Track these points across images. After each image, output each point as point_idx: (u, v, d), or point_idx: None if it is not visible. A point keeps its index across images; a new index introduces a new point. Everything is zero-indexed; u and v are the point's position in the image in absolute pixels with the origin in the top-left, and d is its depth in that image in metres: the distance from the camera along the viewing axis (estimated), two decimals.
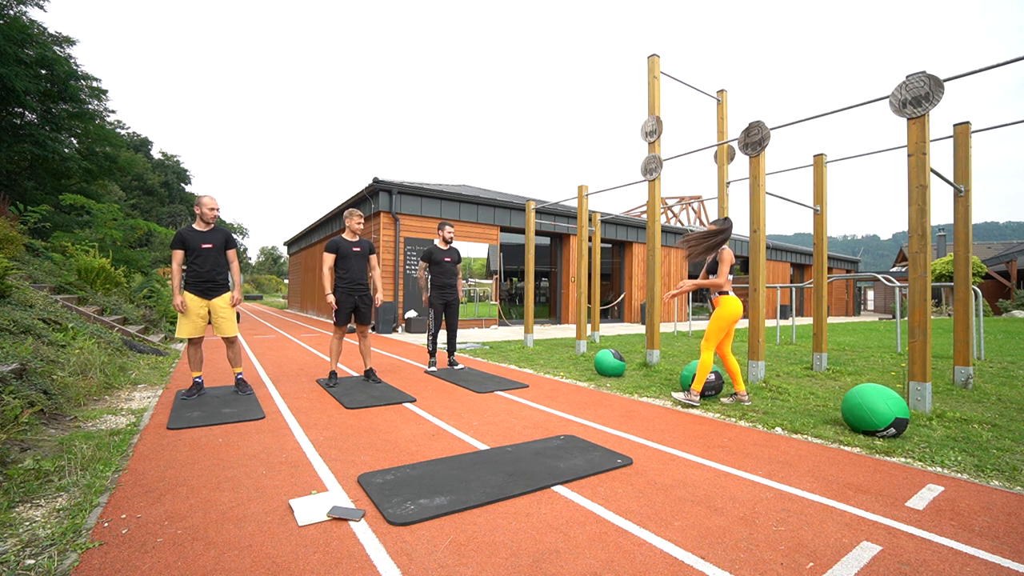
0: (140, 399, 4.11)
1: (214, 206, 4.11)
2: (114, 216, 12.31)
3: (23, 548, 1.74)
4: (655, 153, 6.12)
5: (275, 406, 3.91)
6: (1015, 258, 23.78)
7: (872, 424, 3.13)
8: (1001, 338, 10.07)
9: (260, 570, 1.63)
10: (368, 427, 3.37)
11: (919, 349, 3.74)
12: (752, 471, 2.59)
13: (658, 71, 6.28)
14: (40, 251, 9.42)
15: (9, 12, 15.18)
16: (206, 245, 4.04)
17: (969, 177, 4.96)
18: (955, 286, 5.06)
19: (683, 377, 4.40)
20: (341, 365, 5.97)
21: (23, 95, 14.78)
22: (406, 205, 11.73)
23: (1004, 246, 31.56)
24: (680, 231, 18.20)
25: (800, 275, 24.23)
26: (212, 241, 4.08)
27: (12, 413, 2.71)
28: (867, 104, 4.38)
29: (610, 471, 2.56)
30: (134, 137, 44.80)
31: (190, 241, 4.02)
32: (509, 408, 3.98)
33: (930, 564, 1.71)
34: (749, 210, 5.08)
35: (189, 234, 4.03)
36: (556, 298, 15.35)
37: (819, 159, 6.20)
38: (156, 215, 42.89)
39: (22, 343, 4.01)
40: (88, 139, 18.56)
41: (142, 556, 1.71)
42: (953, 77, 3.79)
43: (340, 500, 2.17)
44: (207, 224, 4.10)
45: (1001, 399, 4.29)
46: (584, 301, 7.70)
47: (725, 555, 1.76)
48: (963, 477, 2.54)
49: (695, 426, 3.48)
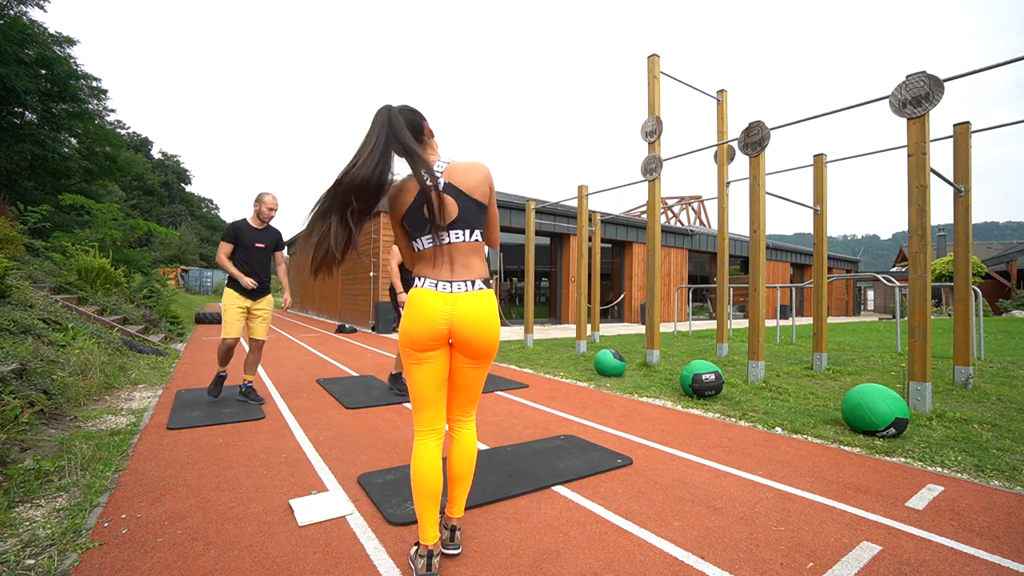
0: (140, 399, 4.11)
1: (275, 206, 3.91)
2: (114, 216, 12.31)
3: (23, 548, 1.74)
4: (655, 153, 6.12)
5: (275, 406, 3.91)
6: (1015, 258, 23.79)
7: (872, 424, 3.13)
8: (1001, 338, 10.07)
9: (260, 570, 1.63)
10: (368, 427, 3.37)
11: (919, 349, 3.74)
12: (752, 471, 2.59)
13: (658, 71, 6.28)
14: (40, 251, 9.42)
15: (9, 12, 15.19)
16: (259, 244, 3.87)
17: (969, 177, 4.96)
18: (955, 286, 5.06)
19: (683, 377, 4.40)
20: (341, 365, 5.97)
21: (23, 95, 14.78)
22: None
23: (1004, 246, 31.57)
24: (680, 231, 18.21)
25: (800, 275, 24.23)
26: (265, 241, 3.91)
27: (12, 413, 2.71)
28: (867, 104, 4.38)
29: (610, 471, 2.56)
30: (134, 137, 44.83)
31: (243, 236, 3.82)
32: (509, 408, 3.98)
33: (930, 564, 1.71)
34: (749, 210, 5.08)
35: (244, 229, 3.83)
36: (556, 298, 15.34)
37: (819, 159, 6.20)
38: (156, 215, 42.91)
39: (22, 343, 4.00)
40: (88, 139, 18.58)
41: (142, 556, 1.71)
42: (953, 77, 3.79)
43: (340, 500, 2.17)
44: (262, 222, 3.91)
45: (1001, 399, 4.29)
46: (584, 301, 7.70)
47: (725, 555, 1.76)
48: (963, 477, 2.54)
49: (695, 426, 3.48)
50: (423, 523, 1.58)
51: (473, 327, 1.55)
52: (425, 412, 1.62)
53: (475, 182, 1.60)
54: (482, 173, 1.62)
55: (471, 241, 1.61)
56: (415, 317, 1.54)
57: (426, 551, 1.55)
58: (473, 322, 1.55)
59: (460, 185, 1.58)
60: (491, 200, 1.67)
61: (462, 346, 1.58)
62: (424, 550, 1.56)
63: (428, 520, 1.57)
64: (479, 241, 1.64)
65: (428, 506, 1.58)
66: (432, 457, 1.60)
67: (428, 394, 1.60)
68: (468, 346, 1.57)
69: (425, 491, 1.57)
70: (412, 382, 1.60)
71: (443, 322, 1.53)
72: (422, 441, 1.61)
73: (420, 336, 1.53)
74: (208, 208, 58.81)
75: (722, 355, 7.19)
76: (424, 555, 1.55)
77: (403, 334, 1.56)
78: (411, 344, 1.55)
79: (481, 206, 1.62)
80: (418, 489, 1.58)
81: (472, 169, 1.61)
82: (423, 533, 1.58)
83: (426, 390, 1.60)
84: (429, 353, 1.57)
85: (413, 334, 1.54)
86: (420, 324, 1.53)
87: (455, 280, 1.56)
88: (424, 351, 1.56)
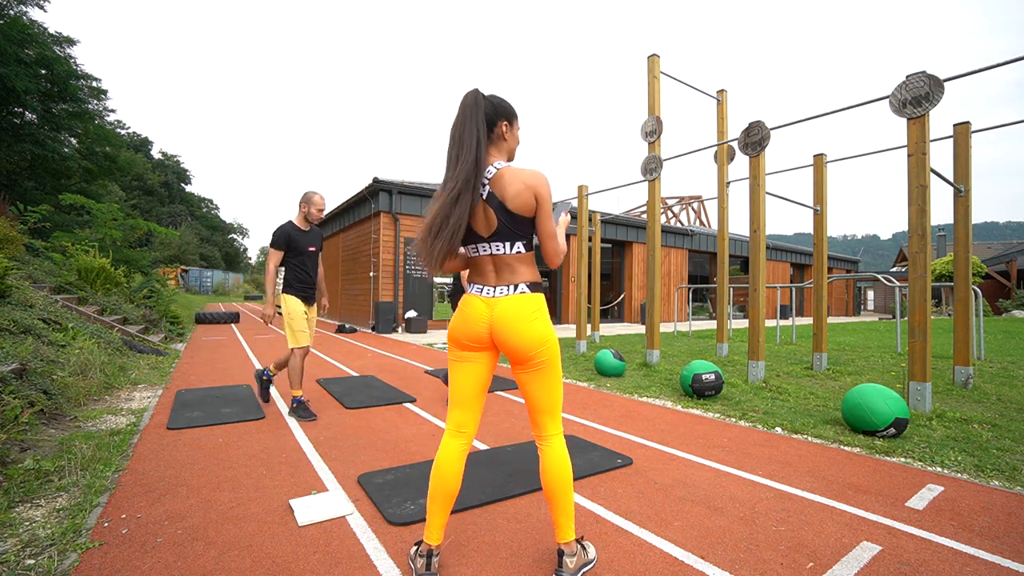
0: (140, 399, 4.11)
1: (323, 206, 3.67)
2: (114, 216, 12.31)
3: (23, 548, 1.74)
4: (655, 153, 6.12)
5: (275, 406, 3.91)
6: (1015, 258, 23.79)
7: (872, 424, 3.13)
8: (1001, 338, 10.07)
9: (260, 570, 1.63)
10: (368, 427, 3.37)
11: (919, 349, 3.74)
12: (752, 471, 2.59)
13: (658, 71, 6.28)
14: (40, 251, 9.42)
15: (9, 12, 15.20)
16: (311, 248, 3.63)
17: (969, 177, 4.96)
18: (955, 286, 5.06)
19: (683, 377, 4.40)
20: (341, 365, 5.97)
21: (23, 95, 14.80)
22: (406, 205, 11.74)
23: (1004, 246, 31.56)
24: (680, 231, 18.21)
25: (800, 275, 24.23)
26: (314, 244, 3.67)
27: (12, 413, 2.71)
28: (867, 104, 4.39)
29: (610, 471, 2.56)
30: (134, 137, 44.84)
31: (297, 242, 3.55)
32: (509, 408, 3.98)
33: (930, 564, 1.71)
34: (749, 210, 5.08)
35: (296, 233, 3.56)
36: (556, 298, 15.35)
37: (819, 159, 6.20)
38: (156, 215, 42.92)
39: (22, 343, 4.00)
40: (88, 139, 18.59)
41: (142, 556, 1.71)
42: (953, 77, 3.79)
43: (340, 500, 2.17)
44: (309, 224, 3.67)
45: (1001, 399, 4.29)
46: (584, 301, 7.71)
47: (725, 555, 1.76)
48: (963, 477, 2.54)
49: (695, 426, 3.48)
50: (429, 521, 1.57)
51: (508, 327, 1.51)
52: (455, 412, 1.62)
53: (514, 192, 1.49)
54: (524, 182, 1.49)
55: (512, 254, 1.54)
56: (459, 318, 1.60)
57: (426, 550, 1.56)
58: (508, 321, 1.51)
59: (500, 195, 1.50)
60: (539, 210, 1.52)
61: (503, 347, 1.56)
62: (424, 549, 1.56)
63: (434, 520, 1.57)
64: (522, 253, 1.55)
65: (437, 506, 1.57)
66: (451, 458, 1.58)
67: (461, 394, 1.61)
68: (506, 346, 1.54)
69: (437, 489, 1.57)
70: (450, 381, 1.64)
71: (483, 324, 1.54)
72: (447, 440, 1.62)
73: (461, 336, 1.58)
74: (208, 208, 58.85)
75: (722, 355, 7.19)
76: (424, 554, 1.55)
77: (448, 333, 1.63)
78: (453, 342, 1.62)
79: (520, 219, 1.51)
80: (431, 486, 1.58)
81: (514, 178, 1.50)
82: (427, 531, 1.57)
83: (460, 390, 1.61)
84: (468, 354, 1.59)
85: (456, 333, 1.60)
86: (462, 324, 1.58)
87: (499, 285, 1.55)
88: (464, 350, 1.60)
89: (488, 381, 1.64)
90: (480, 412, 1.65)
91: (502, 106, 1.58)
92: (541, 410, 1.58)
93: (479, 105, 1.51)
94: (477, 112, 1.50)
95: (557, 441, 1.59)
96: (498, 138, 1.59)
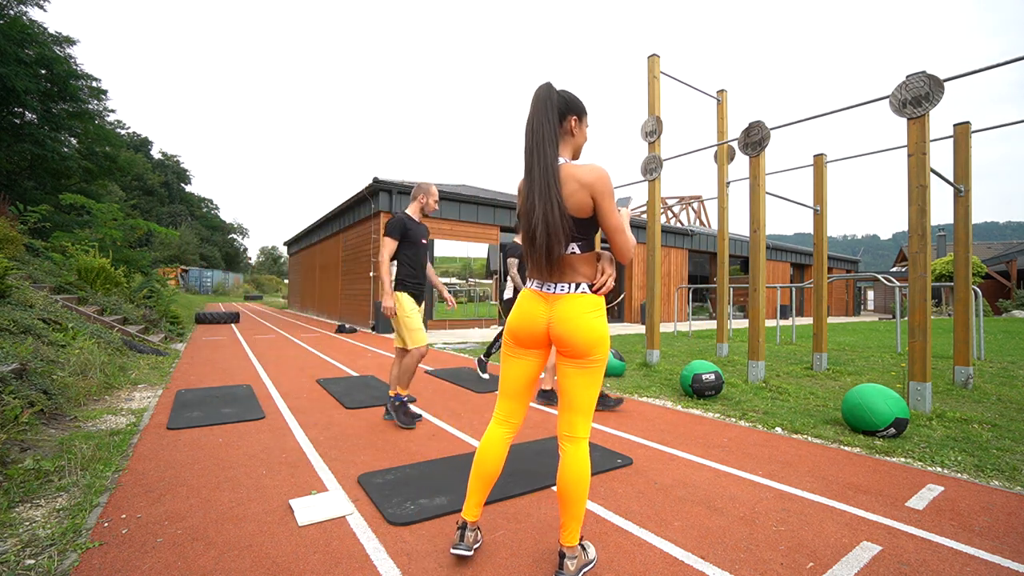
0: (140, 399, 4.11)
1: (438, 197, 3.55)
2: (114, 216, 12.31)
3: (23, 548, 1.74)
4: (655, 153, 6.12)
5: (275, 406, 3.91)
6: (1015, 258, 23.80)
7: (872, 424, 3.13)
8: (1001, 338, 10.07)
9: (260, 570, 1.63)
10: (368, 427, 3.36)
11: (919, 349, 3.74)
12: (752, 471, 2.59)
13: (658, 71, 6.28)
14: (40, 251, 9.42)
15: (9, 12, 15.20)
16: (424, 240, 3.44)
17: (969, 177, 4.96)
18: (955, 286, 5.06)
19: (683, 377, 4.40)
20: (341, 365, 5.97)
21: (23, 95, 14.80)
22: (406, 205, 11.72)
23: (1004, 246, 31.56)
24: (680, 231, 18.21)
25: (800, 275, 24.23)
26: (426, 236, 3.48)
27: (12, 413, 2.71)
28: (867, 104, 4.39)
29: (610, 471, 2.56)
30: (134, 137, 44.85)
31: (412, 232, 3.35)
32: None
33: (930, 564, 1.71)
34: (749, 210, 5.08)
35: (411, 224, 3.38)
36: None
37: (819, 159, 6.20)
38: (156, 215, 42.91)
39: (22, 343, 4.00)
40: (88, 139, 18.59)
41: (142, 556, 1.71)
42: (953, 77, 3.79)
43: (340, 500, 2.17)
44: (424, 216, 3.53)
45: (1001, 399, 4.29)
46: None
47: (725, 555, 1.76)
48: (963, 477, 2.54)
49: (695, 426, 3.48)
50: (468, 498, 1.68)
51: (568, 323, 1.53)
52: (503, 401, 1.69)
53: (568, 191, 1.48)
54: (579, 181, 1.48)
55: (567, 254, 1.53)
56: (518, 313, 1.62)
57: (462, 522, 1.67)
58: (568, 318, 1.53)
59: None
60: (599, 208, 1.50)
61: (559, 343, 1.57)
62: (460, 520, 1.68)
63: (472, 497, 1.67)
64: (576, 253, 1.54)
65: (477, 486, 1.66)
66: (494, 443, 1.67)
67: (510, 386, 1.67)
68: (563, 343, 1.55)
69: (478, 470, 1.66)
70: (502, 373, 1.69)
71: (542, 320, 1.57)
72: (493, 426, 1.70)
73: (520, 331, 1.61)
74: (208, 208, 58.86)
75: (722, 355, 7.19)
76: (460, 526, 1.67)
77: (506, 327, 1.66)
78: (512, 337, 1.65)
79: (574, 220, 1.50)
80: (474, 466, 1.67)
81: (569, 177, 1.49)
82: (465, 507, 1.68)
83: (510, 383, 1.67)
84: (524, 351, 1.63)
85: (514, 328, 1.63)
86: (520, 320, 1.61)
87: (558, 282, 1.57)
88: (521, 347, 1.63)
89: (537, 376, 1.69)
90: (528, 404, 1.70)
91: (573, 101, 1.59)
92: (576, 409, 1.58)
93: (552, 99, 1.53)
94: (550, 107, 1.52)
95: (584, 446, 1.59)
96: (566, 133, 1.61)
